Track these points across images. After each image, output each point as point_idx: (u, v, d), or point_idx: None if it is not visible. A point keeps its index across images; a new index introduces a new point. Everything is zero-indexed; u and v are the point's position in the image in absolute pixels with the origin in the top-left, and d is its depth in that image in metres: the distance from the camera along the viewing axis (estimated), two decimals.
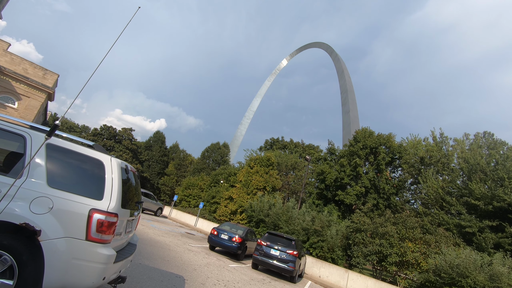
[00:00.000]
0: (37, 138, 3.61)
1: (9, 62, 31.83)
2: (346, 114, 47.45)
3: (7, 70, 31.22)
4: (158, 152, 51.76)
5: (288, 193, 33.19)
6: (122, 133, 52.11)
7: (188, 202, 36.79)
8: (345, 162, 25.73)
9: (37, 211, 3.23)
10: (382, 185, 24.25)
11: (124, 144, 50.66)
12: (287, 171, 35.19)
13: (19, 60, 32.65)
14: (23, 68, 32.58)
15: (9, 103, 32.17)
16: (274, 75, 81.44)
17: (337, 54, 57.88)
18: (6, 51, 31.93)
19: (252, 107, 79.38)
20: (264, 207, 23.40)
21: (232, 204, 27.32)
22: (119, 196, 3.72)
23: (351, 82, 52.67)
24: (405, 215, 17.10)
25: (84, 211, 3.40)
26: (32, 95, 33.05)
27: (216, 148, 47.44)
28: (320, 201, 26.89)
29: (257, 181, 27.72)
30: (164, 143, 53.76)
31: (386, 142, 25.81)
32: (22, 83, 32.37)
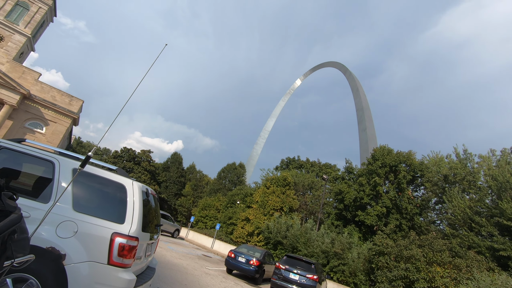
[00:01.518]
0: (65, 164, 3.79)
1: (40, 90, 34.06)
2: (362, 132, 46.76)
3: (37, 98, 33.34)
4: (176, 173, 52.48)
5: (306, 214, 32.41)
6: (141, 155, 53.50)
7: (204, 223, 36.60)
8: (364, 181, 25.03)
9: (63, 235, 3.33)
10: (404, 205, 23.27)
11: (143, 165, 51.83)
12: (304, 191, 34.58)
13: (48, 88, 34.88)
14: (51, 96, 34.72)
15: (38, 129, 34.05)
16: (289, 95, 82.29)
17: (351, 73, 58.06)
18: (37, 81, 34.28)
19: (267, 127, 79.88)
20: (281, 229, 22.89)
21: (248, 225, 26.92)
22: (140, 220, 3.79)
23: (367, 99, 52.29)
24: (431, 237, 16.19)
25: (107, 235, 3.47)
26: (58, 121, 34.90)
27: (232, 168, 47.58)
28: (340, 222, 26.03)
29: (274, 202, 27.34)
30: (181, 164, 54.57)
31: (406, 160, 25.02)
32: (50, 110, 34.36)
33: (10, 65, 32.77)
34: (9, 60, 32.92)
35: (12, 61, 33.15)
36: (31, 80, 33.72)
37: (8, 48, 33.38)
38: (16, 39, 34.00)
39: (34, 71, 34.36)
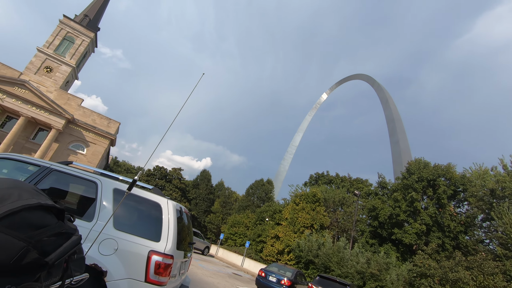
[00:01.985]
0: (106, 184, 4.05)
1: (82, 115, 36.97)
2: (395, 144, 44.78)
3: (80, 122, 36.16)
4: (205, 190, 53.38)
5: (338, 231, 31.12)
6: (172, 173, 55.31)
7: (234, 241, 36.44)
8: (399, 197, 23.70)
9: (105, 252, 3.51)
10: (446, 222, 21.56)
11: (174, 183, 53.42)
12: (335, 208, 33.40)
13: (89, 113, 37.78)
14: (92, 119, 37.50)
15: (80, 150, 36.70)
16: (315, 110, 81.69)
17: (379, 84, 56.61)
18: (80, 106, 37.32)
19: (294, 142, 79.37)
20: (312, 247, 22.14)
21: (278, 243, 26.37)
22: (175, 238, 3.89)
23: (398, 111, 50.36)
24: (480, 258, 14.76)
25: (144, 253, 3.60)
26: (98, 142, 37.42)
27: (260, 185, 47.46)
28: (375, 240, 24.65)
29: (304, 219, 26.66)
30: (210, 181, 55.51)
31: (446, 173, 23.40)
32: (91, 132, 37.03)
33: (57, 93, 36.13)
34: (56, 88, 36.36)
35: (59, 89, 36.55)
36: (75, 105, 36.83)
37: (56, 78, 36.96)
38: (63, 70, 37.61)
39: (77, 97, 37.57)
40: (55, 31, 38.69)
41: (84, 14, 43.15)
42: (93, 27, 42.65)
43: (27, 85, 32.76)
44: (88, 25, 41.92)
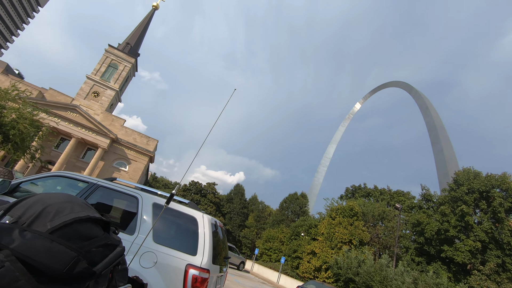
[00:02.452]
0: (146, 199, 4.26)
1: (124, 134, 39.66)
2: (438, 153, 41.68)
3: (122, 141, 38.76)
4: (239, 205, 53.64)
5: (379, 248, 29.23)
6: (206, 187, 56.57)
7: (269, 256, 35.82)
8: (447, 210, 21.79)
9: (145, 265, 3.65)
10: (505, 239, 19.27)
11: (209, 197, 54.48)
12: (374, 222, 31.57)
13: (130, 132, 40.42)
14: (133, 138, 40.03)
15: (122, 167, 39.17)
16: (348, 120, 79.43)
17: (417, 91, 53.73)
18: (123, 126, 40.12)
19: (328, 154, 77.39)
20: (352, 264, 20.97)
21: (315, 259, 25.40)
22: (211, 252, 3.93)
23: (440, 118, 47.14)
24: None
25: (182, 266, 3.67)
26: (138, 159, 39.69)
27: (294, 199, 46.61)
28: (422, 258, 22.73)
29: (341, 234, 25.50)
30: (243, 195, 55.75)
31: (501, 184, 21.12)
32: (132, 150, 39.45)
33: (103, 115, 39.34)
34: (102, 111, 39.63)
35: (105, 111, 39.79)
36: (118, 126, 39.73)
37: (102, 101, 40.37)
38: (108, 94, 41.03)
39: (120, 118, 40.55)
40: (101, 59, 42.62)
41: (126, 42, 47.14)
42: (134, 53, 46.31)
43: (78, 109, 36.17)
44: (129, 52, 45.63)
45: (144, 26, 50.59)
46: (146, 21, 50.84)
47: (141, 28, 49.91)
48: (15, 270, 0.60)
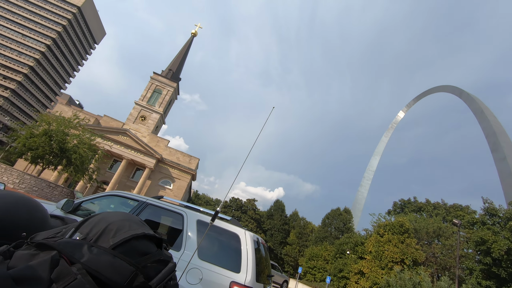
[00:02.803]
0: (191, 216, 4.43)
1: (168, 154, 41.99)
2: (500, 162, 37.20)
3: (167, 160, 41.02)
4: (279, 221, 52.81)
5: (437, 269, 26.40)
6: (247, 204, 56.84)
7: (313, 275, 34.34)
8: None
9: (191, 281, 3.75)
10: None
11: (249, 214, 54.56)
12: (429, 240, 28.78)
13: (174, 152, 42.68)
14: (176, 157, 42.17)
15: (167, 186, 41.22)
16: (391, 130, 75.17)
17: (468, 94, 49.26)
18: (167, 147, 42.58)
19: (371, 166, 73.46)
20: (406, 287, 19.16)
21: (363, 280, 23.74)
22: (254, 269, 3.91)
23: (499, 122, 42.40)
24: None
25: (226, 283, 3.70)
26: (182, 177, 41.52)
27: (336, 214, 44.66)
28: (490, 282, 20.00)
29: (392, 252, 23.61)
30: (284, 211, 54.88)
31: None
32: (176, 169, 41.48)
33: (150, 137, 42.27)
34: (149, 133, 42.64)
35: (151, 133, 42.75)
36: (163, 146, 42.29)
37: (148, 124, 43.54)
38: (153, 117, 44.18)
39: (164, 139, 43.20)
40: (147, 86, 46.38)
41: (168, 68, 50.88)
42: (176, 78, 49.68)
43: (128, 133, 39.40)
44: (171, 77, 49.08)
45: (184, 52, 54.28)
46: (186, 48, 54.56)
47: (181, 55, 53.61)
48: (86, 283, 0.67)
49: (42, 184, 23.06)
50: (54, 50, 78.17)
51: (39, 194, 22.50)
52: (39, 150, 22.72)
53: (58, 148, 23.49)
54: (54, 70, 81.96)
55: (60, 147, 23.48)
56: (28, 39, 73.69)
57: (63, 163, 24.22)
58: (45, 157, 23.63)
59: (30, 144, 22.60)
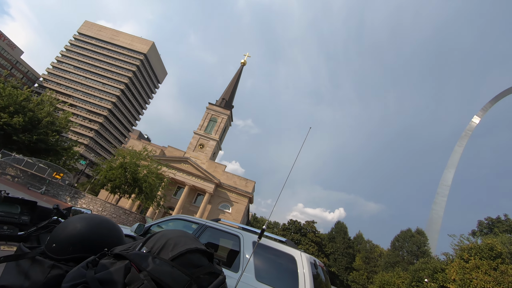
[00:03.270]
0: (247, 237, 4.58)
1: (226, 179, 43.69)
2: None
3: (225, 185, 42.66)
4: (342, 244, 49.58)
5: None
6: (306, 226, 55.00)
7: None
8: None
9: None
10: None
11: (309, 237, 52.52)
12: None
13: (231, 176, 44.27)
14: (233, 181, 43.59)
15: (226, 209, 42.53)
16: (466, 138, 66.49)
17: None
18: (224, 171, 44.43)
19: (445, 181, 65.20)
20: None
21: None
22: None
23: None
24: None
25: None
26: (239, 201, 42.52)
27: (408, 236, 40.22)
28: None
29: (482, 281, 20.07)
30: (346, 233, 51.52)
31: None
32: (233, 193, 42.77)
33: (208, 163, 44.79)
34: (207, 160, 45.27)
35: (209, 160, 45.31)
36: (220, 171, 44.29)
37: (206, 151, 46.36)
38: (210, 144, 46.99)
39: (222, 164, 45.28)
40: (203, 116, 49.98)
41: (222, 97, 54.31)
42: (229, 106, 52.60)
43: (189, 161, 42.47)
44: (225, 105, 52.14)
45: (235, 81, 57.59)
46: (236, 77, 57.91)
47: (233, 84, 56.94)
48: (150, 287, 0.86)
49: (119, 211, 25.97)
50: (127, 93, 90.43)
51: (117, 220, 25.34)
52: (117, 181, 25.90)
53: (132, 178, 26.45)
54: (127, 110, 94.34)
55: (133, 177, 26.41)
56: (107, 86, 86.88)
57: (136, 192, 27.06)
58: (121, 187, 26.76)
59: (109, 176, 25.96)
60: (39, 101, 27.81)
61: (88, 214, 1.32)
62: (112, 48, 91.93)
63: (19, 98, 25.38)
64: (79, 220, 1.24)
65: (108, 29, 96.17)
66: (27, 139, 25.67)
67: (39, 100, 27.86)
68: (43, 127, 26.66)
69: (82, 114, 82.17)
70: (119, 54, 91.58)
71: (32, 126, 26.10)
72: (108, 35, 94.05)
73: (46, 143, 27.35)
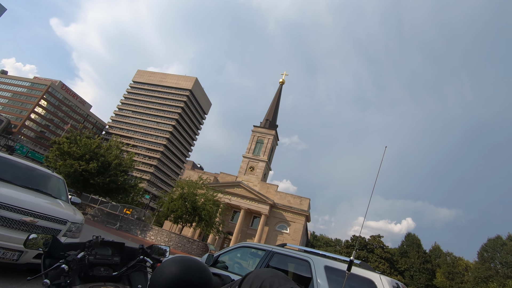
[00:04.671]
0: (318, 262, 4.42)
1: (279, 198, 43.31)
2: None
3: (279, 205, 42.25)
4: (417, 259, 44.56)
5: None
6: (371, 241, 51.02)
7: None
8: None
9: None
10: None
11: (377, 253, 48.43)
12: None
13: (284, 195, 43.77)
14: (287, 200, 42.97)
15: (284, 230, 41.75)
16: None
17: None
18: (276, 191, 44.18)
19: None
20: None
21: None
22: None
23: None
24: None
25: None
26: (296, 220, 41.52)
27: (498, 245, 34.62)
28: None
29: None
30: (420, 246, 46.34)
31: None
32: (289, 212, 42.02)
33: (260, 185, 45.08)
34: (259, 181, 45.64)
35: (261, 181, 45.62)
36: (273, 192, 44.14)
37: (257, 173, 46.89)
38: (260, 166, 47.51)
39: (273, 184, 45.18)
40: (250, 138, 51.16)
41: (265, 119, 55.26)
42: (273, 126, 53.17)
43: (241, 184, 43.31)
44: (269, 126, 52.85)
45: (277, 101, 58.39)
46: (277, 96, 58.75)
47: (274, 103, 57.79)
48: None
49: (184, 240, 27.22)
50: (178, 127, 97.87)
51: (182, 249, 26.54)
52: (178, 211, 27.45)
53: (191, 207, 27.81)
54: (179, 143, 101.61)
55: (192, 206, 27.76)
56: (161, 124, 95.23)
57: (196, 220, 28.26)
58: (183, 217, 28.23)
59: (171, 207, 27.67)
60: (108, 146, 31.45)
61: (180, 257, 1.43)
62: (161, 90, 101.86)
63: (93, 146, 29.05)
64: (174, 264, 1.34)
65: (157, 74, 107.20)
66: (101, 181, 28.93)
67: (108, 146, 31.50)
68: (113, 169, 29.89)
69: (142, 153, 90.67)
70: (168, 94, 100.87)
71: (104, 169, 29.45)
72: (157, 78, 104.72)
73: (116, 183, 30.49)
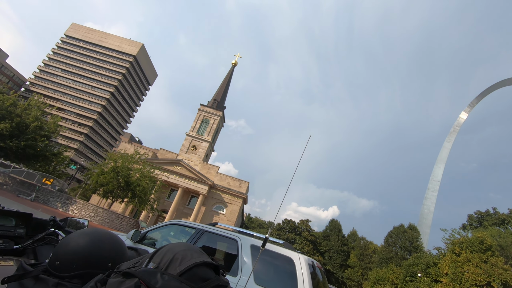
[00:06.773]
0: (245, 241, 4.58)
1: (219, 180, 43.50)
2: None
3: (218, 186, 42.49)
4: (337, 242, 49.97)
5: None
6: (300, 225, 55.19)
7: None
8: None
9: None
10: None
11: (304, 235, 52.74)
12: None
13: (224, 177, 44.09)
14: (227, 182, 43.44)
15: (220, 211, 42.35)
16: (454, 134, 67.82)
17: None
18: (217, 173, 44.23)
19: (435, 176, 66.35)
20: None
21: None
22: None
23: None
24: None
25: None
26: (233, 202, 42.41)
27: (400, 232, 40.77)
28: None
29: (474, 274, 20.52)
30: (341, 231, 51.93)
31: None
32: (227, 194, 42.64)
33: (201, 165, 44.51)
34: (200, 161, 44.97)
35: (202, 161, 45.03)
36: (213, 173, 44.07)
37: (199, 153, 46.07)
38: (203, 146, 46.72)
39: (215, 166, 45.06)
40: (195, 117, 49.67)
41: (213, 99, 54.06)
42: (221, 107, 52.41)
43: (182, 163, 42.10)
44: (217, 106, 51.93)
45: (227, 82, 57.39)
46: (228, 78, 57.72)
47: (224, 84, 56.75)
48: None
49: (112, 216, 25.58)
50: (117, 95, 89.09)
51: (110, 225, 24.97)
52: (109, 186, 25.49)
53: (124, 182, 26.08)
54: (117, 113, 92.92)
55: (126, 181, 26.04)
56: (96, 89, 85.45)
57: (129, 196, 26.69)
58: (114, 191, 26.35)
59: (101, 181, 25.53)
60: (26, 105, 27.10)
61: (90, 229, 1.30)
62: (100, 50, 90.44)
63: (6, 103, 24.73)
64: (82, 236, 1.22)
65: (96, 31, 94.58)
66: (15, 145, 25.01)
67: (26, 105, 27.15)
68: (31, 132, 26.02)
69: (71, 118, 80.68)
70: (108, 56, 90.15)
71: (20, 131, 25.46)
72: (96, 37, 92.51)
73: (35, 149, 26.72)
